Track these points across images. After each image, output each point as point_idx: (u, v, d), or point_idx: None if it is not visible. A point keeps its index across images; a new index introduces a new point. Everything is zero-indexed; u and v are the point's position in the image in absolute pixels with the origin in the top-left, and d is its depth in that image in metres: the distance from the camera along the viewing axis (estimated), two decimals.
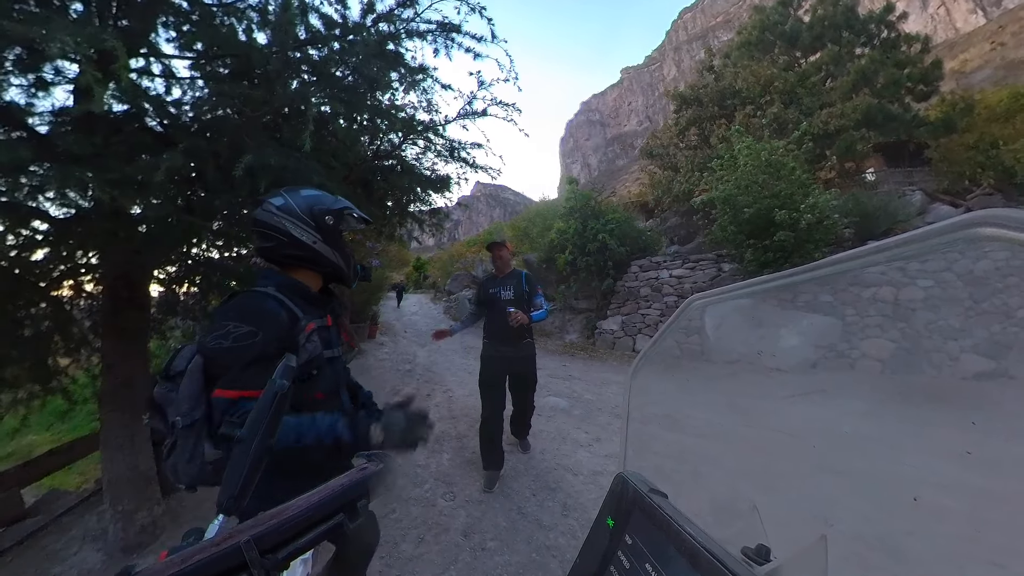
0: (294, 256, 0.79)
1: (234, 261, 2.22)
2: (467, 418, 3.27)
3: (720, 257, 5.85)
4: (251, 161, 1.17)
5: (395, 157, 2.68)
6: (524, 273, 2.14)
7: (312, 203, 0.80)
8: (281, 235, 0.78)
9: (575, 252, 6.94)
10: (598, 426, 3.01)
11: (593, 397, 3.81)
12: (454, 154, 2.64)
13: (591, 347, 6.71)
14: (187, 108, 1.27)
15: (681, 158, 9.20)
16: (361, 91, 1.68)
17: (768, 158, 4.94)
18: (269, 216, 0.77)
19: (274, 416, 0.49)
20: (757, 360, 0.69)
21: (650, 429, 0.92)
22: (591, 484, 2.08)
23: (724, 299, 0.64)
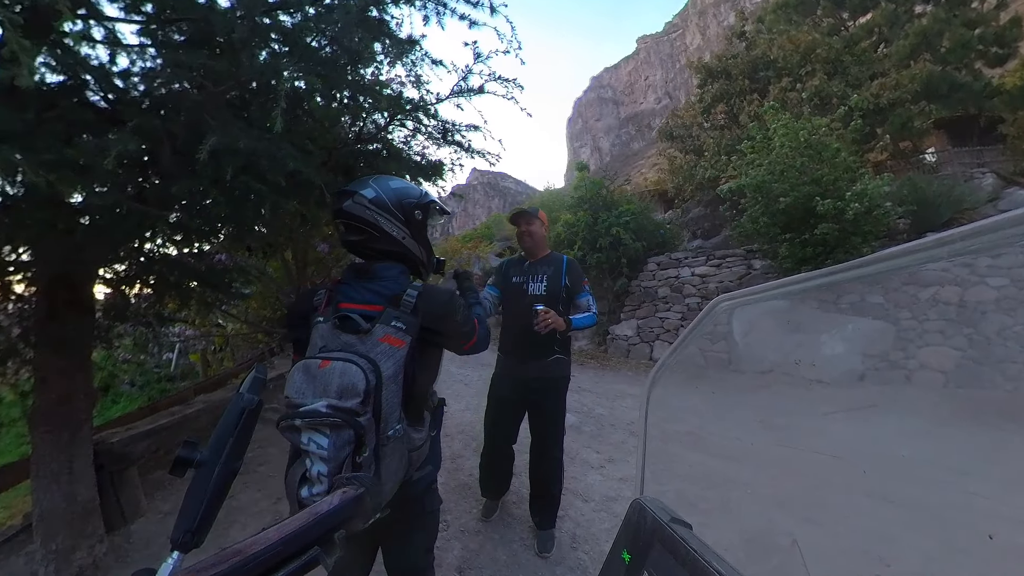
0: (382, 251, 0.88)
1: (195, 258, 2.22)
2: (463, 435, 3.28)
3: (750, 253, 5.85)
4: (214, 143, 1.17)
5: (380, 140, 2.69)
6: (566, 259, 1.76)
7: (401, 196, 0.88)
8: (373, 230, 0.86)
9: (584, 248, 6.95)
10: (611, 445, 3.02)
11: (605, 412, 3.81)
12: (447, 137, 2.63)
13: (602, 355, 6.72)
14: (136, 80, 1.25)
15: (706, 140, 9.18)
16: (341, 64, 1.68)
17: (808, 138, 4.87)
18: (361, 210, 0.85)
19: (241, 436, 0.49)
20: (794, 370, 0.68)
21: (671, 449, 0.92)
22: (603, 512, 2.08)
23: (755, 300, 0.64)
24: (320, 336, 0.79)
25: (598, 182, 7.65)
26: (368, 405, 0.71)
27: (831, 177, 4.65)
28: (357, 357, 0.72)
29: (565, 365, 1.75)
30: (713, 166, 8.14)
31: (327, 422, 0.68)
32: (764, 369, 0.87)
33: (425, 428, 0.87)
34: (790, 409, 0.87)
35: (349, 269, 0.90)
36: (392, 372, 0.75)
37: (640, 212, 7.21)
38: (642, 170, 27.51)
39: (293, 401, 0.71)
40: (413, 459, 0.83)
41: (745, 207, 5.40)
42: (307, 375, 0.72)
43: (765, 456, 0.80)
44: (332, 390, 0.70)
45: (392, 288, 0.84)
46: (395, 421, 0.75)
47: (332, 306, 0.83)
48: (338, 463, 0.68)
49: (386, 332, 0.77)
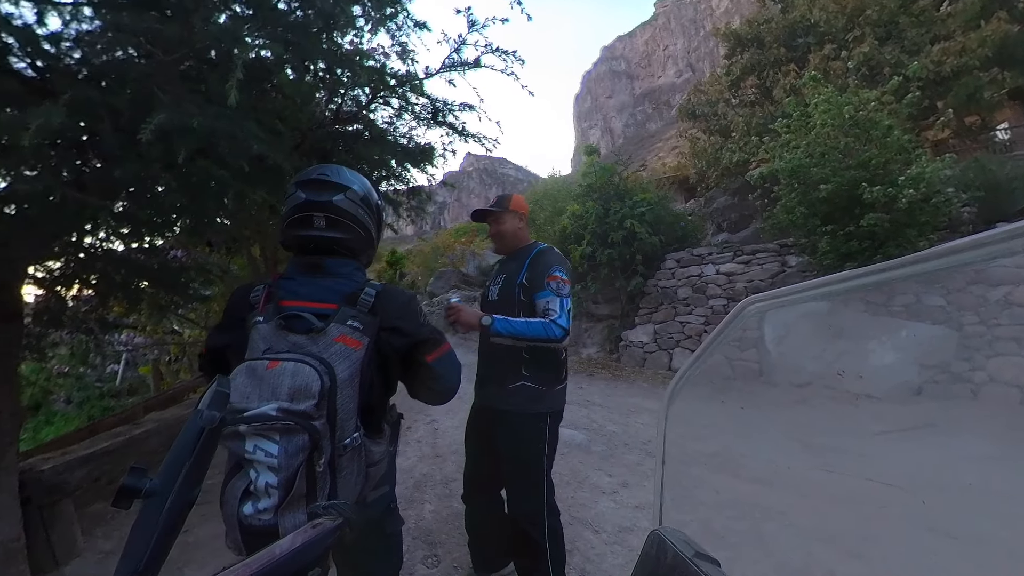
0: (354, 250, 0.92)
1: (145, 255, 2.21)
2: (456, 456, 3.27)
3: (784, 248, 5.87)
4: (163, 120, 1.16)
5: (361, 120, 2.69)
6: (539, 249, 1.59)
7: (368, 190, 0.94)
8: (361, 229, 0.91)
9: (594, 243, 6.97)
10: (625, 467, 3.02)
11: (618, 429, 3.83)
12: (438, 117, 2.64)
13: (615, 364, 6.75)
14: (70, 46, 1.24)
15: (734, 118, 9.14)
16: (313, 31, 1.67)
17: (854, 115, 4.81)
18: (354, 208, 0.90)
19: (199, 460, 0.47)
20: (837, 383, 0.68)
21: (694, 472, 0.93)
22: (617, 544, 2.07)
23: (790, 302, 0.64)
24: (262, 338, 0.79)
25: (609, 168, 7.65)
26: (323, 409, 0.72)
27: (881, 159, 4.56)
28: (309, 358, 0.74)
29: (537, 397, 1.50)
30: (742, 148, 8.10)
31: (277, 426, 0.69)
32: (802, 381, 0.87)
33: (384, 442, 0.89)
34: (833, 428, 0.87)
35: (295, 264, 0.91)
36: (348, 375, 0.77)
37: (657, 202, 7.23)
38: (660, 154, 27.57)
39: (236, 406, 0.71)
40: (370, 475, 0.85)
41: (779, 195, 5.40)
42: (252, 377, 0.72)
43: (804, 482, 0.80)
44: (283, 392, 0.70)
45: (348, 286, 0.86)
46: (351, 429, 0.77)
47: (273, 304, 0.83)
48: (290, 473, 0.68)
49: (341, 332, 0.79)
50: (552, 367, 1.54)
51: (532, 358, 1.50)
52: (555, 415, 1.56)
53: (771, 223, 5.78)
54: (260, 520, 0.69)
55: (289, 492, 0.68)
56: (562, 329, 1.40)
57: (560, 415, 1.59)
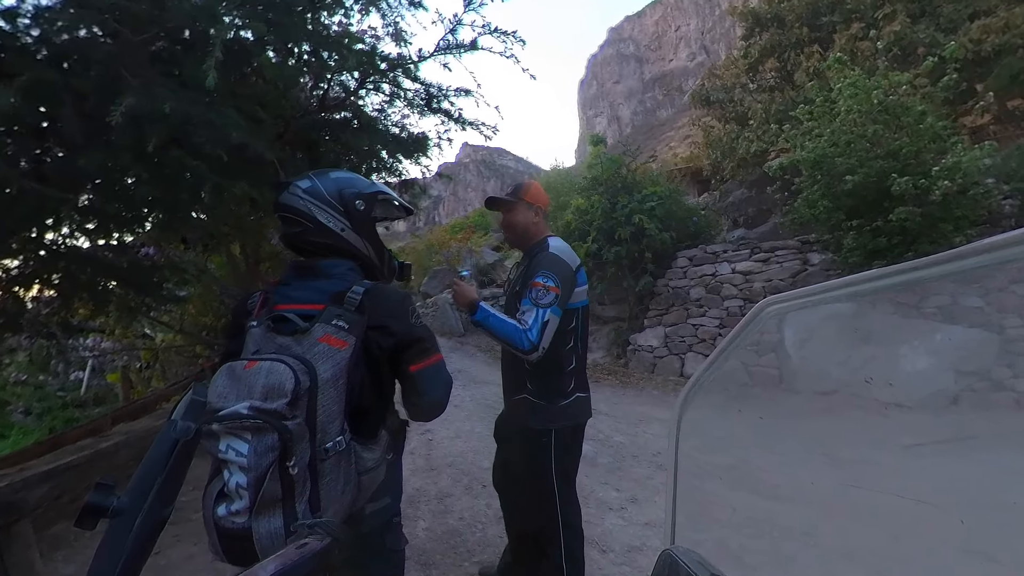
0: (321, 244, 0.97)
1: (113, 252, 2.20)
2: (452, 470, 3.28)
3: (806, 244, 5.87)
4: (133, 105, 1.15)
5: (350, 107, 2.69)
6: (540, 248, 1.56)
7: (342, 186, 0.99)
8: (307, 220, 0.95)
9: (600, 240, 6.97)
10: (633, 481, 3.04)
11: (626, 440, 3.85)
12: (432, 104, 2.64)
13: (622, 370, 6.75)
14: (28, 23, 1.23)
15: (751, 104, 9.14)
16: (298, 9, 1.67)
17: (883, 100, 4.76)
18: (295, 199, 0.95)
19: (172, 475, 0.47)
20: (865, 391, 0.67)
21: (708, 487, 0.93)
22: (625, 565, 2.08)
23: (813, 303, 0.64)
24: (253, 341, 0.85)
25: (617, 159, 7.65)
26: (298, 409, 0.75)
27: (913, 148, 4.52)
28: (288, 357, 0.78)
29: (538, 412, 1.50)
30: (760, 137, 8.06)
31: (247, 425, 0.72)
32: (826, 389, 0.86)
33: (379, 448, 0.92)
34: (861, 440, 0.86)
35: (291, 267, 0.99)
36: (331, 375, 0.80)
37: (668, 196, 7.22)
38: (671, 144, 27.53)
39: (214, 406, 0.75)
40: (364, 484, 0.88)
41: (800, 188, 5.39)
42: (231, 377, 0.77)
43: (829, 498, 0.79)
44: (256, 391, 0.74)
45: (338, 285, 0.91)
46: (335, 432, 0.80)
47: (267, 308, 0.90)
48: (260, 473, 0.71)
49: (326, 331, 0.83)
50: (554, 380, 1.51)
51: (534, 369, 1.49)
52: (564, 432, 1.54)
53: (791, 218, 5.77)
54: (233, 523, 0.72)
55: (259, 493, 0.71)
56: (529, 342, 1.35)
57: (573, 432, 1.58)
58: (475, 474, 3.17)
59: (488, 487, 2.94)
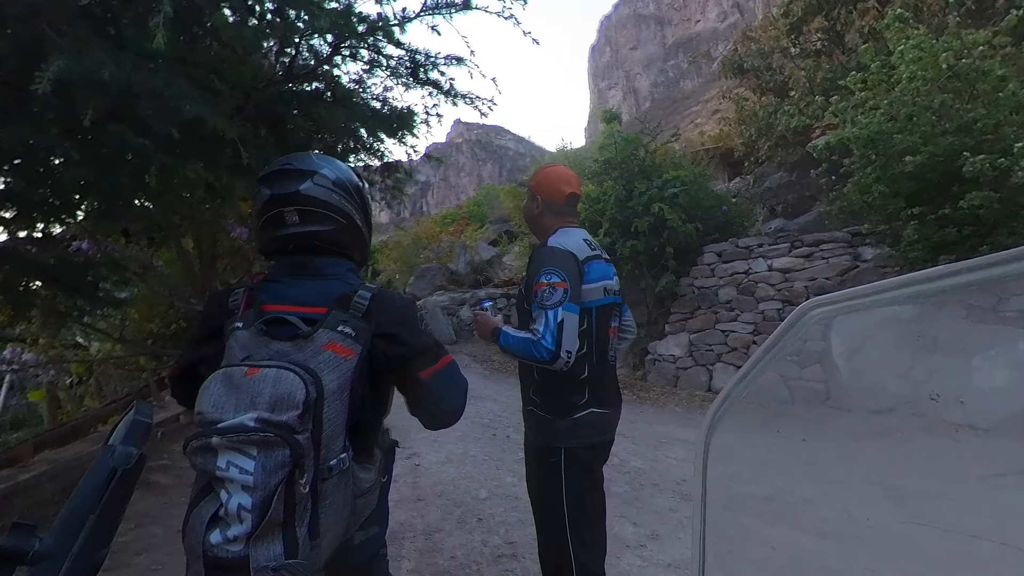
0: (342, 244, 1.03)
1: (38, 246, 2.18)
2: (441, 500, 3.26)
3: (857, 237, 5.87)
4: (62, 70, 1.14)
5: (322, 77, 2.68)
6: (543, 243, 1.64)
7: (353, 177, 1.04)
8: (341, 217, 1.00)
9: (614, 233, 6.98)
10: (654, 514, 3.02)
11: (644, 465, 3.83)
12: (419, 73, 2.63)
13: (640, 383, 6.75)
14: None
15: (793, 72, 9.09)
16: None
17: (954, 64, 4.60)
18: (327, 194, 0.98)
19: (108, 510, 0.48)
20: (930, 410, 0.66)
21: (742, 521, 0.92)
22: None
23: (865, 305, 0.64)
24: (240, 346, 0.86)
25: (633, 139, 7.67)
26: (307, 423, 0.78)
27: (990, 121, 4.40)
28: (293, 365, 0.81)
29: (544, 426, 1.57)
30: (803, 111, 7.96)
31: (255, 439, 0.74)
32: (882, 407, 0.85)
33: (375, 468, 0.97)
34: (926, 469, 0.85)
35: (281, 264, 1.01)
36: (337, 387, 0.84)
37: (693, 181, 7.24)
38: (697, 120, 27.62)
39: (208, 417, 0.77)
40: (358, 509, 0.92)
41: (851, 170, 5.35)
42: (228, 385, 0.79)
43: (888, 538, 0.78)
44: (263, 401, 0.77)
45: (340, 287, 0.94)
46: (338, 449, 0.84)
47: (254, 308, 0.91)
48: (267, 494, 0.73)
49: (331, 338, 0.86)
50: (563, 390, 1.54)
51: (541, 379, 1.56)
52: (577, 451, 1.55)
53: (840, 206, 5.75)
54: (229, 552, 0.73)
55: (265, 516, 0.72)
56: (546, 350, 1.38)
57: (589, 450, 1.59)
58: (469, 505, 3.16)
59: (484, 520, 2.93)
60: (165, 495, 3.14)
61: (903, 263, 5.01)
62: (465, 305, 10.82)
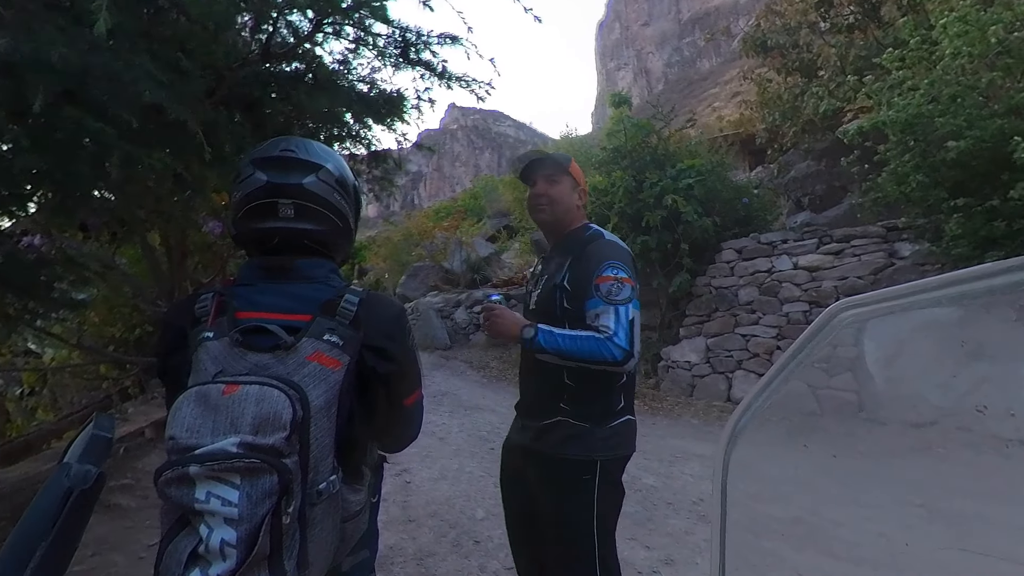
0: (327, 245, 1.03)
1: None
2: (435, 521, 3.27)
3: (893, 232, 5.88)
4: (7, 48, 1.14)
5: (303, 57, 2.68)
6: (588, 235, 1.64)
7: (344, 169, 1.04)
8: (339, 219, 1.01)
9: (623, 227, 7.00)
10: (668, 536, 3.04)
11: (657, 483, 3.86)
12: (409, 53, 2.63)
13: (652, 392, 6.78)
14: None
15: (822, 49, 9.09)
16: None
17: (1005, 38, 4.63)
18: (329, 192, 0.98)
19: (64, 535, 0.49)
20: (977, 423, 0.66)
21: (765, 545, 0.92)
22: None
23: (902, 307, 0.64)
24: (211, 358, 0.85)
25: (644, 124, 7.69)
26: (295, 445, 0.78)
27: None
28: (277, 381, 0.81)
29: (578, 437, 1.53)
30: (833, 93, 8.01)
31: (239, 466, 0.73)
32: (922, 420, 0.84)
33: (365, 489, 0.98)
34: (972, 488, 0.84)
35: (253, 266, 1.00)
36: (324, 402, 0.84)
37: (711, 170, 7.27)
38: (715, 103, 27.68)
39: (182, 443, 0.76)
40: (348, 533, 0.92)
41: (886, 158, 5.35)
42: (204, 406, 0.78)
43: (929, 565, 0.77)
44: (245, 423, 0.76)
45: (324, 292, 0.94)
46: (327, 471, 0.84)
47: (227, 316, 0.90)
48: (253, 526, 0.72)
49: (316, 348, 0.86)
50: (601, 396, 1.56)
51: (576, 384, 1.52)
52: (611, 465, 1.56)
53: (873, 197, 5.74)
54: None
55: (251, 551, 0.72)
56: (620, 349, 1.42)
57: (621, 464, 1.61)
58: (465, 527, 3.16)
59: (482, 543, 2.93)
60: (128, 518, 3.13)
61: (945, 260, 5.01)
62: (460, 307, 10.84)
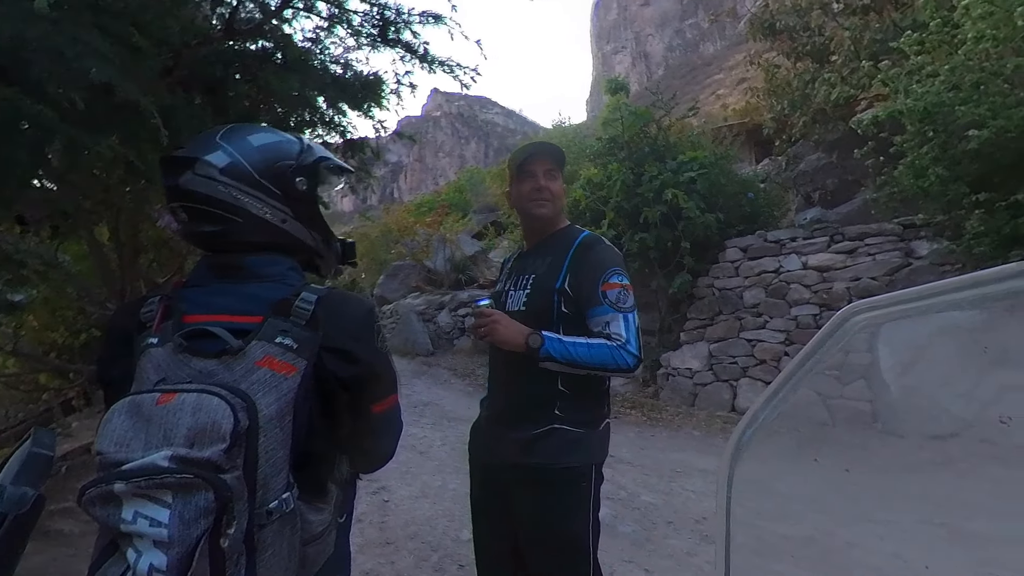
0: (255, 244, 0.98)
1: None
2: (415, 543, 3.26)
3: (910, 229, 5.94)
4: None
5: (270, 35, 2.65)
6: (582, 239, 1.67)
7: (272, 156, 0.99)
8: (232, 214, 0.95)
9: (620, 224, 7.07)
10: (668, 557, 3.06)
11: (657, 500, 3.87)
12: (388, 34, 2.61)
13: (650, 401, 6.81)
14: None
15: (834, 33, 9.12)
16: None
17: None
18: (210, 186, 0.93)
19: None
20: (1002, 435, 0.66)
21: (773, 568, 0.93)
22: None
23: (919, 310, 0.65)
24: (154, 366, 0.85)
25: (643, 113, 7.74)
26: (237, 458, 0.76)
27: None
28: (217, 387, 0.79)
29: (576, 443, 1.56)
30: (846, 79, 8.06)
31: (169, 482, 0.71)
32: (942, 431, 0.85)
33: (329, 507, 0.96)
34: (998, 507, 0.85)
35: (204, 265, 1.00)
36: (275, 411, 0.82)
37: (714, 163, 7.33)
38: (719, 90, 27.94)
39: (110, 458, 0.74)
40: (310, 557, 0.90)
41: (903, 150, 5.39)
42: (135, 417, 0.77)
43: None
44: (179, 435, 0.74)
45: (278, 291, 0.93)
46: (280, 488, 0.82)
47: (174, 320, 0.89)
48: (185, 550, 0.70)
49: (267, 352, 0.84)
50: (595, 399, 1.63)
51: (571, 390, 1.57)
52: (601, 470, 1.64)
53: (889, 192, 5.80)
54: None
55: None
56: (634, 357, 1.51)
57: (602, 469, 1.67)
58: (447, 548, 3.16)
59: (467, 567, 2.91)
60: (70, 546, 3.10)
61: (966, 260, 5.06)
62: (444, 310, 10.81)
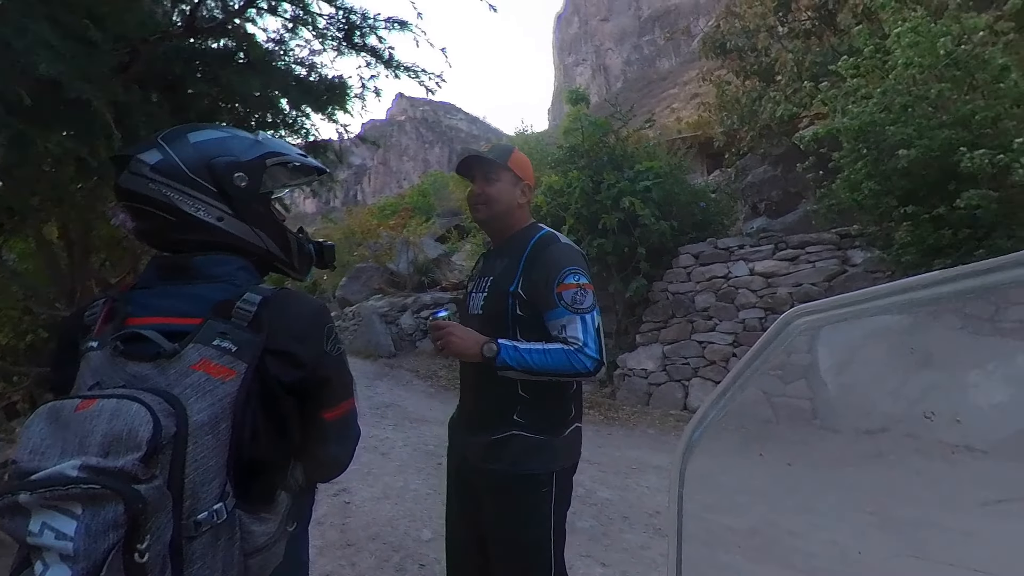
0: (192, 241, 0.95)
1: None
2: (376, 544, 3.22)
3: (846, 239, 6.12)
4: None
5: (233, 33, 2.58)
6: (539, 238, 1.64)
7: (209, 153, 0.95)
8: (164, 212, 0.92)
9: (580, 229, 7.09)
10: (624, 552, 3.08)
11: (613, 495, 3.90)
12: (353, 38, 2.58)
13: (607, 401, 6.85)
14: None
15: (780, 54, 9.36)
16: None
17: (954, 50, 4.80)
18: (140, 183, 0.91)
19: None
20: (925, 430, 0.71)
21: (722, 558, 0.95)
22: None
23: (855, 314, 0.66)
24: (91, 371, 0.82)
25: (602, 123, 7.81)
26: (157, 467, 0.73)
27: (990, 114, 4.58)
28: (144, 393, 0.76)
29: (535, 450, 1.53)
30: (790, 98, 8.26)
31: (76, 493, 0.67)
32: (874, 427, 0.90)
33: (276, 518, 0.91)
34: (922, 495, 0.90)
35: (153, 266, 0.98)
36: (208, 417, 0.79)
37: (669, 173, 7.40)
38: (674, 104, 28.58)
39: (24, 467, 0.71)
40: (253, 570, 0.87)
41: (841, 164, 5.58)
42: (55, 424, 0.74)
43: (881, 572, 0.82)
44: (93, 442, 0.71)
45: (222, 291, 0.90)
46: (212, 498, 0.79)
47: (115, 323, 0.86)
48: (94, 563, 0.66)
49: (203, 355, 0.81)
50: (557, 404, 1.58)
51: (532, 396, 1.52)
52: (564, 474, 1.59)
53: (828, 204, 5.97)
54: None
55: None
56: (592, 359, 1.44)
57: (572, 471, 1.64)
58: (409, 549, 3.12)
59: (428, 566, 2.88)
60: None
61: (895, 268, 5.24)
62: (407, 312, 10.67)
